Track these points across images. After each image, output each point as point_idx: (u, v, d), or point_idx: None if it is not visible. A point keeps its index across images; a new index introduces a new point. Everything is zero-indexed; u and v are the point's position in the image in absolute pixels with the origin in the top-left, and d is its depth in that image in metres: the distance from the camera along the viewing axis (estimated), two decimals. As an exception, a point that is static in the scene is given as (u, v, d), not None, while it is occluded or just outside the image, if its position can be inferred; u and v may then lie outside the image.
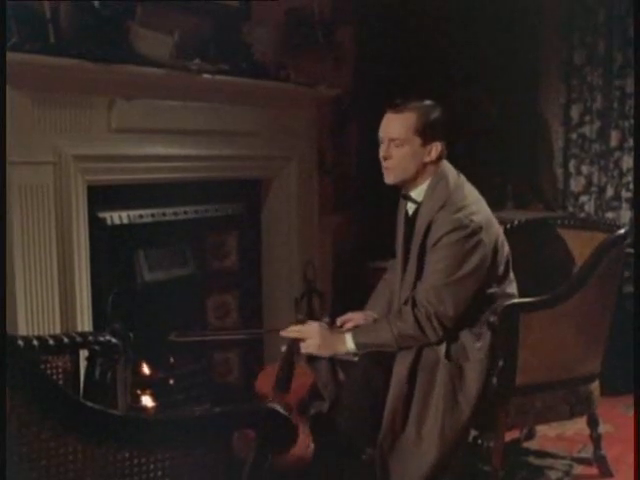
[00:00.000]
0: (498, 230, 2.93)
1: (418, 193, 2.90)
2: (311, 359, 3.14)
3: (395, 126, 2.83)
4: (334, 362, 3.07)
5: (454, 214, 2.78)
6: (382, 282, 3.25)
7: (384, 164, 2.88)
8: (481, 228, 2.79)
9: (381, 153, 2.88)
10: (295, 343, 2.92)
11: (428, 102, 2.90)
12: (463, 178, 2.92)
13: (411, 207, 2.95)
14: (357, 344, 2.83)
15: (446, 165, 2.90)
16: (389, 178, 2.89)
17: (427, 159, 2.84)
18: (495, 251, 2.87)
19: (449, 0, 4.78)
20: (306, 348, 2.88)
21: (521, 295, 3.02)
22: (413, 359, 2.79)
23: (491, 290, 2.90)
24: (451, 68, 4.92)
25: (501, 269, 2.92)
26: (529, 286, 3.07)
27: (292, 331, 2.91)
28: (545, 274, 3.40)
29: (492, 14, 4.85)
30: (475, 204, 2.86)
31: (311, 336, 2.86)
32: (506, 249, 2.96)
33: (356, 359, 2.89)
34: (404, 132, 2.81)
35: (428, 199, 2.86)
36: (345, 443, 2.76)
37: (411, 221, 2.95)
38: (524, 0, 4.93)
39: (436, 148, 2.84)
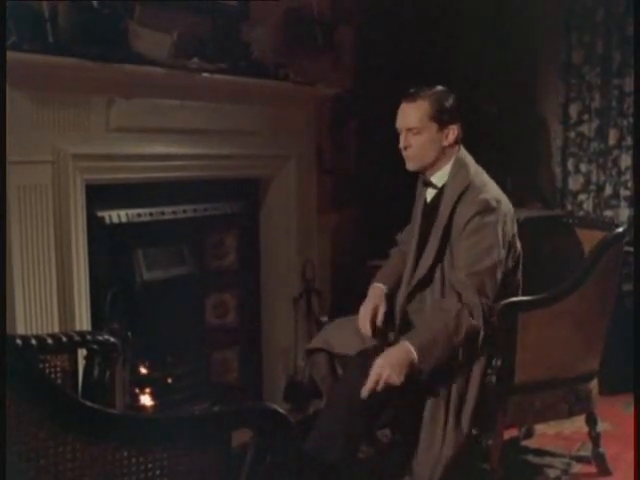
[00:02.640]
0: (514, 218, 2.98)
1: (438, 178, 2.96)
2: (309, 353, 3.16)
3: (410, 115, 2.90)
4: (332, 357, 3.08)
5: (479, 195, 2.84)
6: (396, 253, 3.23)
7: (404, 153, 2.94)
8: (507, 211, 2.88)
9: (400, 143, 2.93)
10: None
11: (440, 88, 2.95)
12: (481, 168, 2.99)
13: (430, 193, 3.00)
14: (419, 349, 2.68)
15: (465, 153, 2.98)
16: (410, 165, 2.96)
17: (445, 143, 2.90)
18: (513, 240, 2.94)
19: (448, 0, 4.78)
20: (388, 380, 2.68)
21: (524, 292, 3.04)
22: None
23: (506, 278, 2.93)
24: (450, 67, 4.92)
25: (515, 257, 2.97)
26: (531, 284, 3.09)
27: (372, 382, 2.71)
28: (551, 270, 3.42)
29: (491, 14, 4.85)
30: (496, 190, 2.94)
31: (384, 370, 2.67)
32: (519, 243, 3.01)
33: None
34: (419, 120, 2.88)
35: (451, 183, 2.91)
36: (340, 441, 2.76)
37: (430, 207, 3.00)
38: (523, 0, 4.94)
39: (453, 131, 2.90)
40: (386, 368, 2.65)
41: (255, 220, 4.23)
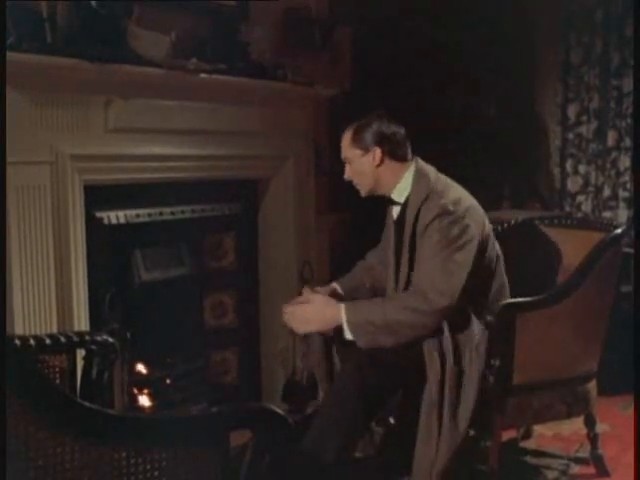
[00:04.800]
0: (485, 219, 3.00)
1: (398, 194, 3.05)
2: (306, 335, 3.19)
3: (342, 148, 3.09)
4: (328, 341, 3.10)
5: (438, 201, 2.91)
6: (360, 266, 3.34)
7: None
8: (466, 213, 2.90)
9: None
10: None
11: (372, 115, 3.07)
12: (443, 175, 3.05)
13: (397, 210, 3.09)
14: (348, 319, 2.85)
15: (423, 164, 3.05)
16: (361, 192, 3.11)
17: (375, 164, 3.01)
18: (485, 241, 2.95)
19: (447, 0, 4.78)
20: (298, 329, 3.01)
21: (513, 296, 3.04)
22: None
23: (483, 282, 2.96)
24: (449, 68, 4.92)
25: (492, 263, 2.99)
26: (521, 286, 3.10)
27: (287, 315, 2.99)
28: (533, 274, 3.43)
29: (490, 14, 4.85)
30: (458, 194, 2.98)
31: (302, 314, 2.95)
32: (496, 244, 3.05)
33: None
34: (346, 150, 3.07)
35: (413, 195, 2.99)
36: (337, 439, 2.77)
37: (398, 223, 3.07)
38: (522, 0, 4.94)
39: (375, 152, 3.00)
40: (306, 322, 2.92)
41: (253, 221, 4.23)
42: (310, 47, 4.25)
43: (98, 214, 3.26)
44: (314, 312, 2.94)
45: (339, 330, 2.91)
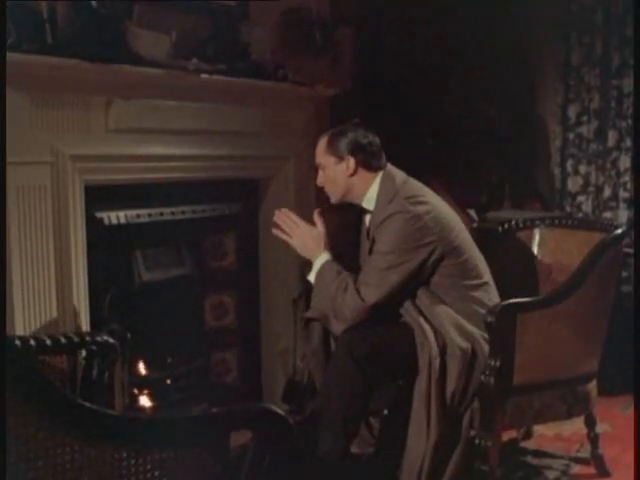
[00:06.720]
0: (455, 225, 3.03)
1: (368, 201, 3.09)
2: (307, 324, 3.21)
3: (316, 154, 3.14)
4: (327, 331, 3.12)
5: (400, 200, 2.96)
6: None
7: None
8: (427, 215, 2.92)
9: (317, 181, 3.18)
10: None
11: (348, 124, 3.13)
12: (413, 179, 3.09)
13: (368, 217, 3.13)
14: (319, 267, 3.04)
15: (392, 168, 3.10)
16: (332, 199, 3.17)
17: (348, 173, 3.06)
18: (450, 243, 2.97)
19: (447, 1, 4.78)
20: (289, 240, 3.16)
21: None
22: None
23: (466, 282, 3.00)
24: (449, 68, 4.92)
25: (469, 264, 3.02)
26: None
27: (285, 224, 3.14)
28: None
29: (490, 14, 4.85)
30: (423, 196, 3.01)
31: (297, 236, 3.13)
32: (471, 245, 3.07)
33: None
34: (320, 156, 3.12)
35: (380, 198, 3.04)
36: (335, 427, 2.83)
37: (369, 229, 3.12)
38: (522, 0, 4.94)
39: (349, 161, 3.05)
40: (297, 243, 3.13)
41: (254, 221, 4.22)
42: (311, 47, 4.25)
43: (98, 214, 3.26)
44: (301, 236, 3.11)
45: None
